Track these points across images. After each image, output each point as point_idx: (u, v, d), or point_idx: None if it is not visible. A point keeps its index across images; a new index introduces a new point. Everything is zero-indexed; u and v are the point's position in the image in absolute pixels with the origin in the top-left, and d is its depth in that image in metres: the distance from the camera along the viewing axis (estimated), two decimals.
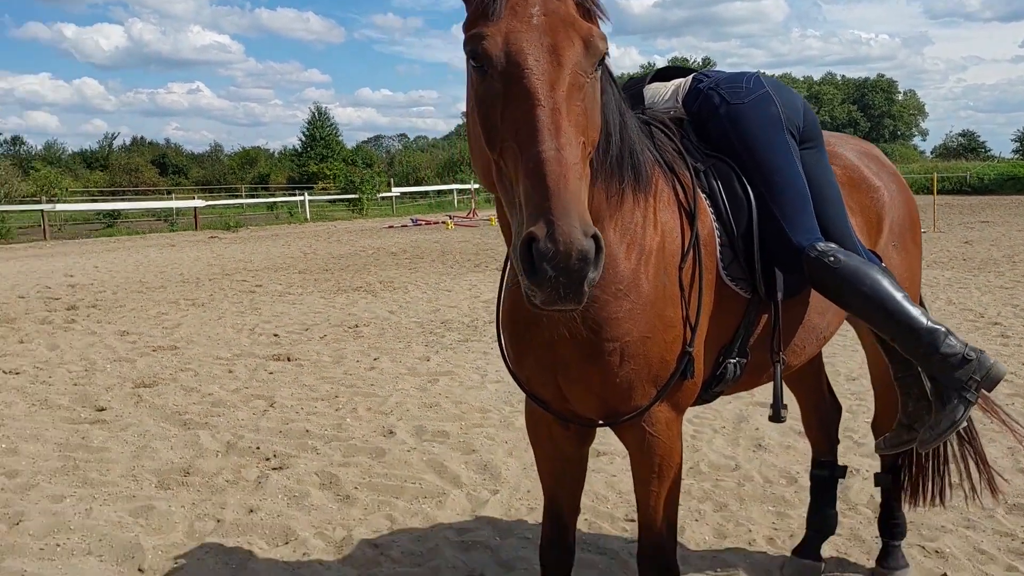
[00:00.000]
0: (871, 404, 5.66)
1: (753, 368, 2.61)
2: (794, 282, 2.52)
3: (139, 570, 3.52)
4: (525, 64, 1.60)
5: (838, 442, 3.52)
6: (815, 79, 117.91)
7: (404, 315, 10.13)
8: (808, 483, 4.28)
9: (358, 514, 4.10)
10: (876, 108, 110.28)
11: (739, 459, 4.76)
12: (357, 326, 9.43)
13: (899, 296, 2.36)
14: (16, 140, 60.42)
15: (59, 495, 4.34)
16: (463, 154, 49.33)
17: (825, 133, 2.84)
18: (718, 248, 2.43)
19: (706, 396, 2.62)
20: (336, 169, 46.07)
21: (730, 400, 5.85)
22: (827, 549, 3.50)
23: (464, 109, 1.85)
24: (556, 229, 1.43)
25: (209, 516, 4.08)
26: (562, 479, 2.64)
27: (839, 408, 3.57)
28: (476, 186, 38.61)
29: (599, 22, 1.82)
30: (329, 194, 39.45)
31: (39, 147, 60.87)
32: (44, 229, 26.57)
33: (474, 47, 1.63)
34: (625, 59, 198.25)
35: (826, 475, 3.40)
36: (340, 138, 56.13)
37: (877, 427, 3.34)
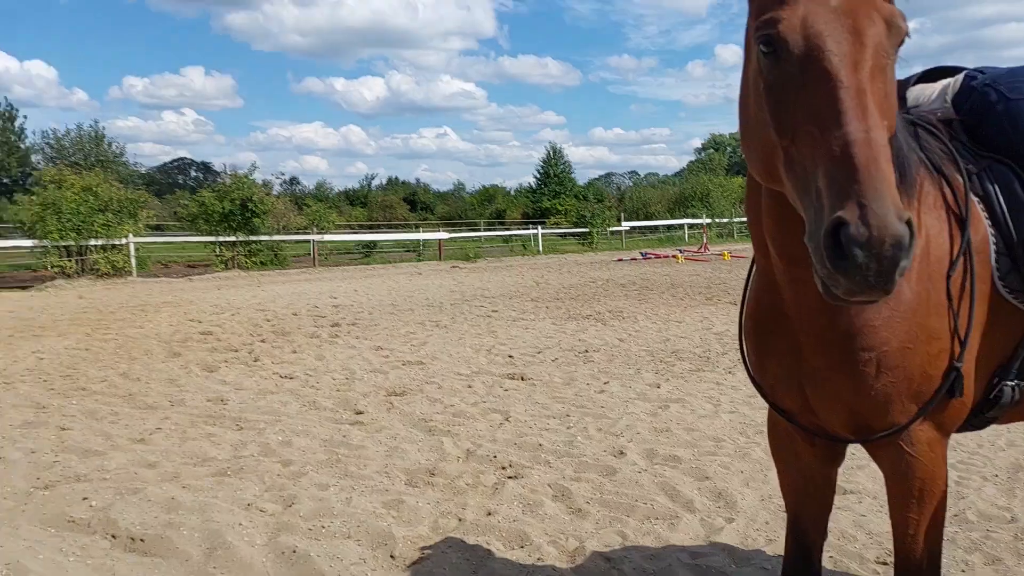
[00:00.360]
0: None
1: None
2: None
3: (391, 556, 3.82)
4: (825, 46, 1.54)
5: None
6: None
7: (633, 343, 10.14)
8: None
9: (590, 527, 4.15)
10: None
11: (1016, 511, 4.25)
12: (587, 351, 9.58)
13: None
14: (293, 180, 68.51)
15: (324, 484, 4.82)
16: (694, 189, 48.63)
17: None
18: (993, 256, 2.22)
19: (976, 422, 2.39)
20: (568, 205, 47.27)
21: (1004, 448, 5.26)
22: None
23: (739, 100, 1.86)
24: (869, 212, 1.37)
25: (452, 514, 4.34)
26: (806, 498, 2.52)
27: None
28: (707, 221, 37.91)
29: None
30: (560, 228, 40.50)
31: (311, 186, 68.46)
32: (313, 257, 29.70)
33: (768, 32, 1.58)
34: None
35: None
36: (572, 175, 57.66)
37: None
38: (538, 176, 58.04)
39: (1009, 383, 2.27)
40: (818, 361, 2.16)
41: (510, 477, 4.95)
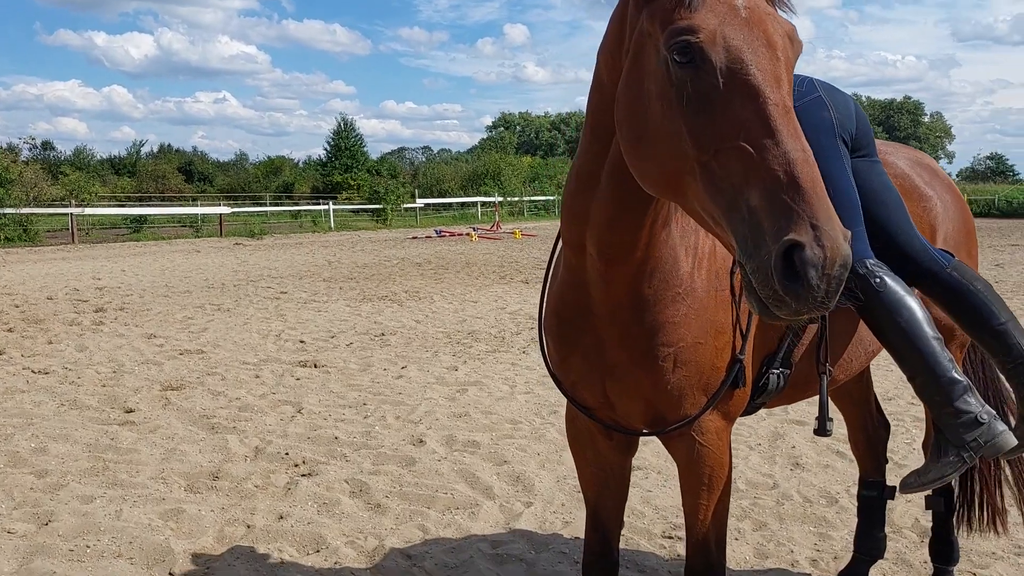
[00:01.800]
0: (908, 425, 5.55)
1: (797, 381, 2.51)
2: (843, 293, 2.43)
3: (170, 574, 3.47)
4: (748, 60, 1.47)
5: (887, 461, 3.40)
6: None
7: (431, 325, 10.08)
8: (850, 504, 4.18)
9: (390, 523, 4.02)
10: (902, 130, 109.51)
11: (776, 477, 4.64)
12: (383, 334, 9.39)
13: (931, 336, 2.28)
14: (46, 145, 61.26)
15: (89, 496, 4.30)
16: (487, 167, 49.47)
17: (877, 141, 2.74)
18: None
19: (747, 408, 2.53)
20: (360, 180, 46.33)
21: (764, 416, 5.73)
22: (873, 573, 3.38)
23: (626, 105, 1.68)
24: (823, 234, 1.32)
25: (239, 521, 4.03)
26: (605, 491, 2.55)
27: (887, 426, 3.46)
28: (499, 199, 38.69)
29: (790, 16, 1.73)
30: (353, 204, 39.63)
31: (68, 152, 61.63)
32: (72, 232, 26.87)
33: (684, 41, 1.48)
34: None
35: (875, 496, 3.29)
36: (365, 149, 56.53)
37: (925, 447, 3.23)
38: (328, 149, 56.28)
39: (775, 371, 2.41)
40: (620, 356, 2.17)
41: (304, 475, 4.69)
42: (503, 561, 3.60)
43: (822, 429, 2.42)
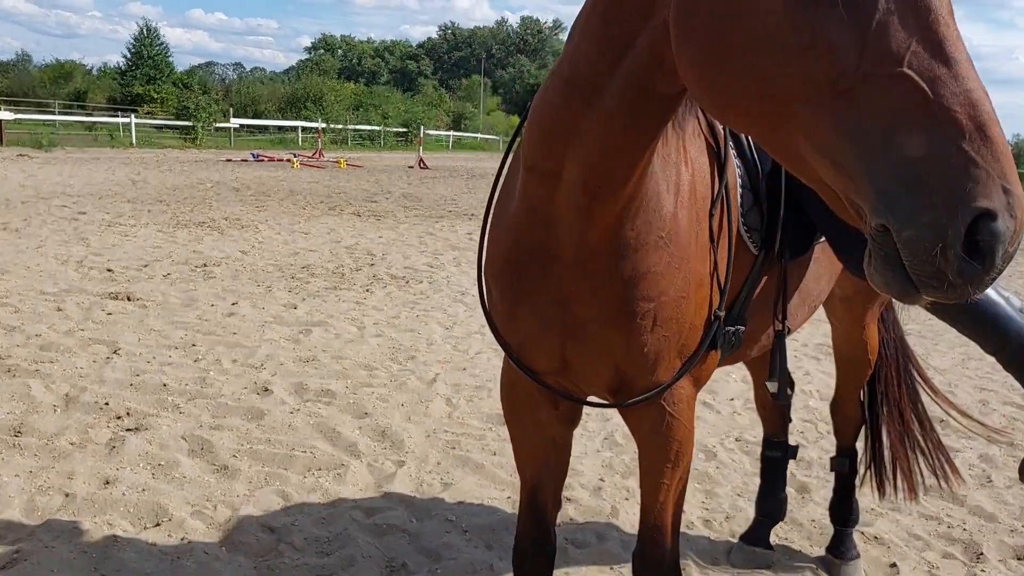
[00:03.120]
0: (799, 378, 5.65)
1: (746, 338, 2.27)
2: (803, 240, 2.21)
3: None
4: None
5: (790, 420, 3.33)
6: None
7: (259, 256, 9.24)
8: (728, 458, 4.15)
9: (242, 489, 3.50)
10: None
11: None
12: (206, 265, 8.48)
13: (1013, 309, 2.11)
14: None
15: None
16: (307, 90, 46.89)
17: None
18: (739, 191, 2.06)
19: None
20: (166, 93, 42.37)
21: None
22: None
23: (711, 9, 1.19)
24: (1016, 202, 1.00)
25: (54, 489, 3.34)
26: (546, 469, 2.23)
27: (792, 383, 3.37)
28: (322, 125, 36.87)
29: None
30: (157, 119, 36.21)
31: None
32: None
33: None
34: (476, 11, 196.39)
35: (779, 456, 3.20)
36: (170, 59, 51.67)
37: (837, 406, 3.18)
38: (128, 57, 50.88)
39: (731, 328, 2.16)
40: (589, 312, 1.82)
41: (130, 430, 4.01)
42: (383, 532, 3.21)
43: (782, 394, 2.22)
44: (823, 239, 2.30)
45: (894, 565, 3.18)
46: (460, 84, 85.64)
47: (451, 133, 50.95)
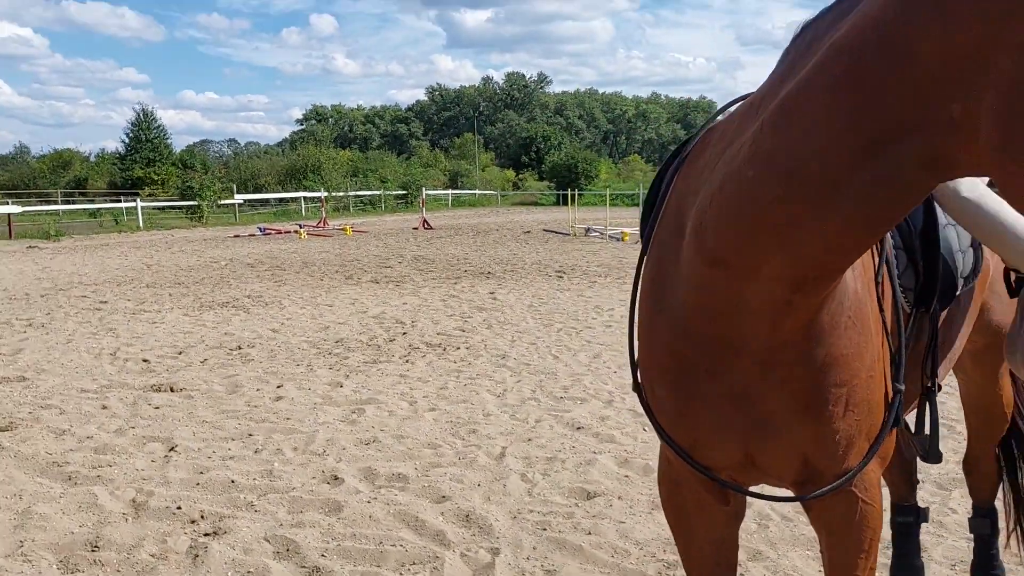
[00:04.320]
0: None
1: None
2: (949, 292, 2.11)
3: None
4: None
5: (918, 483, 3.18)
6: (643, 98, 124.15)
7: (291, 333, 9.14)
8: None
9: None
10: (697, 127, 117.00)
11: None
12: (240, 347, 8.36)
13: None
14: None
15: None
16: (305, 160, 47.35)
17: None
18: (893, 252, 1.96)
19: None
20: (166, 174, 42.77)
21: None
22: None
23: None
24: None
25: None
26: (719, 567, 2.08)
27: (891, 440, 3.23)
28: (325, 194, 37.15)
29: None
30: (160, 200, 36.47)
31: None
32: None
33: None
34: (461, 71, 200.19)
35: (911, 521, 3.05)
36: (169, 141, 52.29)
37: (973, 464, 3.03)
38: (127, 141, 51.55)
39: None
40: (776, 404, 1.70)
41: (208, 534, 3.85)
42: None
43: (934, 455, 2.07)
44: (967, 287, 2.21)
45: None
46: (452, 143, 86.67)
47: (449, 192, 51.34)
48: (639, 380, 1.93)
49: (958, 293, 2.17)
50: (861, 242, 1.41)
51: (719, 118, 1.85)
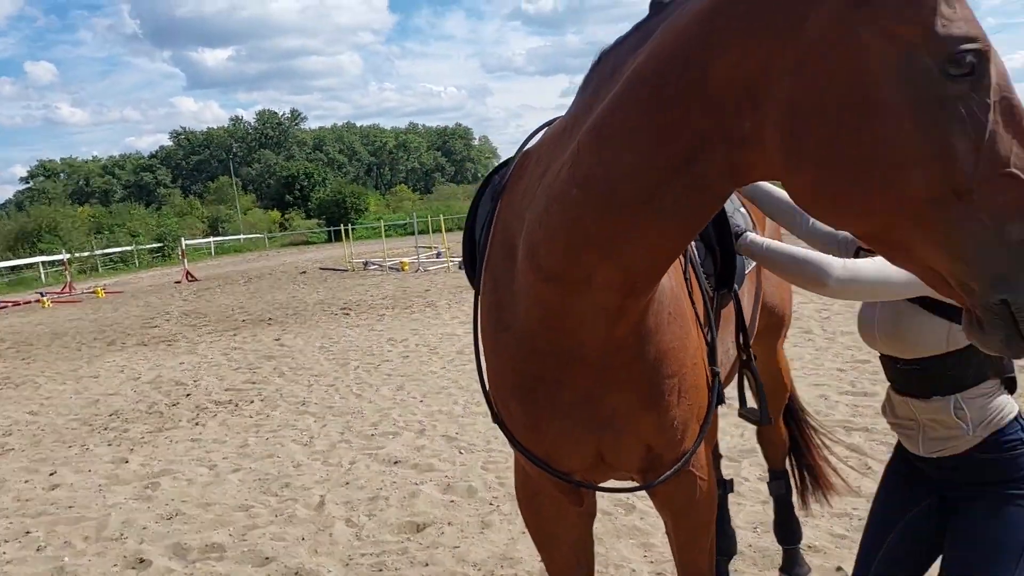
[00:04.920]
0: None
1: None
2: (740, 274, 2.35)
3: None
4: (1010, 80, 1.21)
5: (721, 457, 3.49)
6: (401, 128, 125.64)
7: (54, 414, 8.20)
8: (650, 507, 4.25)
9: None
10: (458, 153, 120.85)
11: None
12: None
13: None
14: None
15: None
16: (39, 221, 42.69)
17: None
18: (692, 244, 2.15)
19: None
20: None
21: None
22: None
23: (846, 128, 1.21)
24: None
25: None
26: (581, 566, 2.17)
27: (715, 418, 3.55)
28: (67, 256, 33.70)
29: None
30: None
31: None
32: None
33: (968, 51, 1.16)
34: (207, 112, 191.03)
35: (720, 494, 3.33)
36: None
37: (764, 433, 3.38)
38: None
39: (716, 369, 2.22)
40: (621, 401, 1.82)
41: None
42: None
43: (765, 416, 2.28)
44: (751, 268, 2.47)
45: (840, 568, 3.41)
46: (207, 187, 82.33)
47: (211, 239, 48.56)
48: (493, 405, 1.97)
49: (747, 272, 2.43)
50: (679, 245, 1.57)
51: (529, 144, 1.95)
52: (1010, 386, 1.94)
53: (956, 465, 1.94)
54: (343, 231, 31.07)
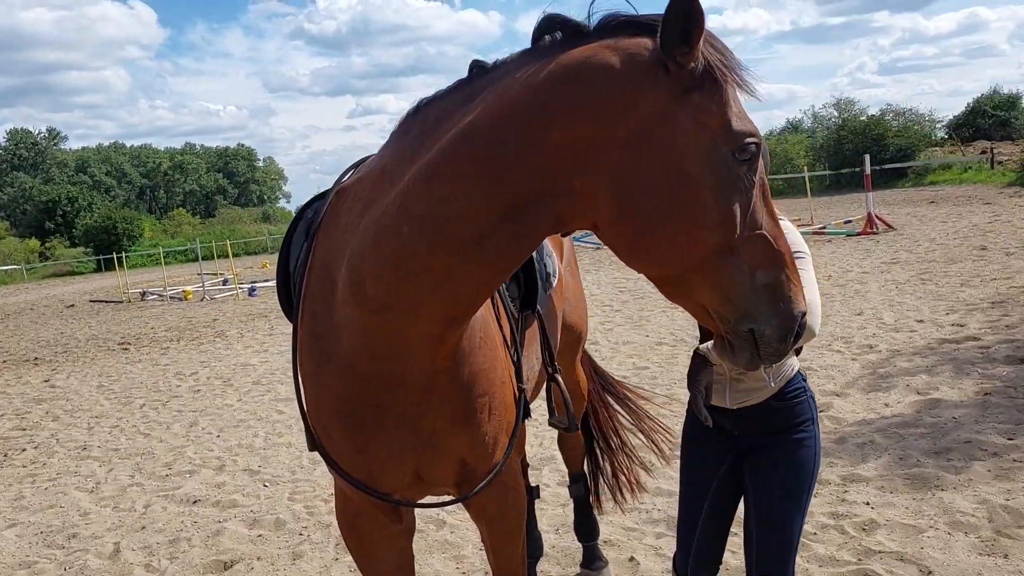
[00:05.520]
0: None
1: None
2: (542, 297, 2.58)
3: None
4: (764, 165, 1.62)
5: (528, 466, 3.74)
6: (177, 149, 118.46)
7: None
8: (458, 520, 4.44)
9: None
10: (241, 175, 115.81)
11: None
12: None
13: None
14: None
15: None
16: None
17: None
18: None
19: None
20: None
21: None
22: None
23: (671, 196, 1.51)
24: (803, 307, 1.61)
25: None
26: None
27: (523, 431, 3.77)
28: None
29: None
30: None
31: None
32: None
33: (752, 143, 1.52)
34: None
35: (528, 500, 3.56)
36: None
37: (564, 440, 3.67)
38: None
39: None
40: (439, 422, 1.97)
41: None
42: None
43: (573, 426, 2.51)
44: (552, 288, 2.72)
45: (632, 558, 3.77)
46: None
47: None
48: (311, 430, 2.04)
49: (548, 293, 2.67)
50: (501, 280, 1.78)
51: (344, 179, 2.05)
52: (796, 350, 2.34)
53: (754, 415, 2.28)
54: (115, 259, 28.75)
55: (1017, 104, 41.10)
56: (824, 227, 17.53)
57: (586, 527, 3.65)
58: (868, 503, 4.04)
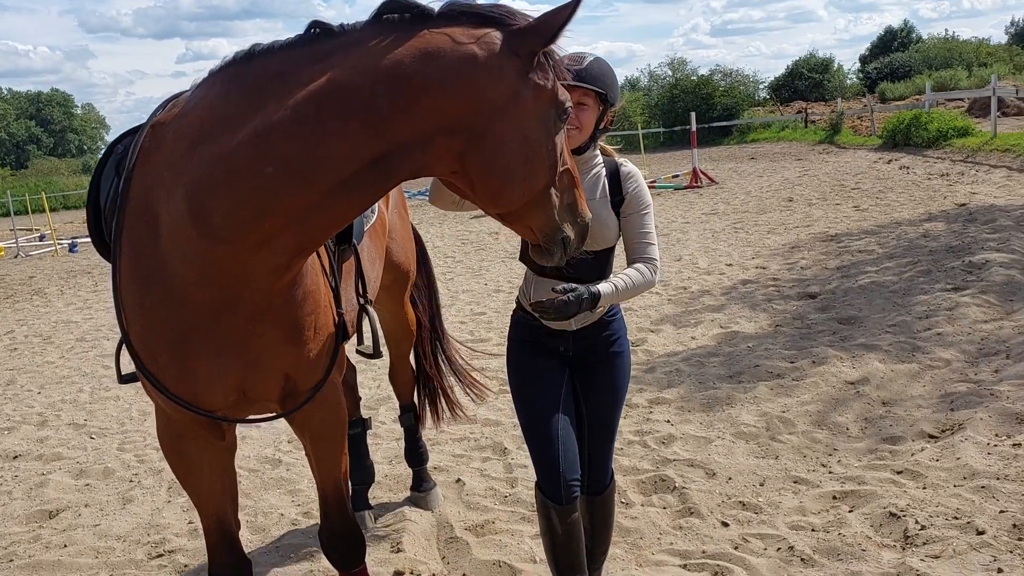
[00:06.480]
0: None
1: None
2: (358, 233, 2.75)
3: None
4: None
5: (360, 399, 3.91)
6: None
7: None
8: (292, 458, 4.58)
9: None
10: (57, 123, 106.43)
11: None
12: None
13: None
14: None
15: None
16: None
17: None
18: None
19: None
20: None
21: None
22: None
23: (526, 152, 1.94)
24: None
25: None
26: (225, 498, 2.42)
27: (354, 367, 3.90)
28: None
29: None
30: None
31: None
32: None
33: (570, 107, 2.01)
34: None
35: (359, 431, 3.76)
36: None
37: (395, 374, 3.87)
38: None
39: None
40: (269, 339, 2.11)
41: None
42: None
43: (378, 352, 2.67)
44: (369, 225, 2.88)
45: (459, 480, 4.05)
46: None
47: None
48: (139, 360, 2.10)
49: (365, 230, 2.82)
50: (355, 215, 2.02)
51: (158, 115, 2.10)
52: None
53: (587, 333, 2.57)
54: None
55: (830, 67, 44.44)
56: (654, 181, 18.51)
57: (415, 454, 3.88)
58: (668, 421, 4.53)
